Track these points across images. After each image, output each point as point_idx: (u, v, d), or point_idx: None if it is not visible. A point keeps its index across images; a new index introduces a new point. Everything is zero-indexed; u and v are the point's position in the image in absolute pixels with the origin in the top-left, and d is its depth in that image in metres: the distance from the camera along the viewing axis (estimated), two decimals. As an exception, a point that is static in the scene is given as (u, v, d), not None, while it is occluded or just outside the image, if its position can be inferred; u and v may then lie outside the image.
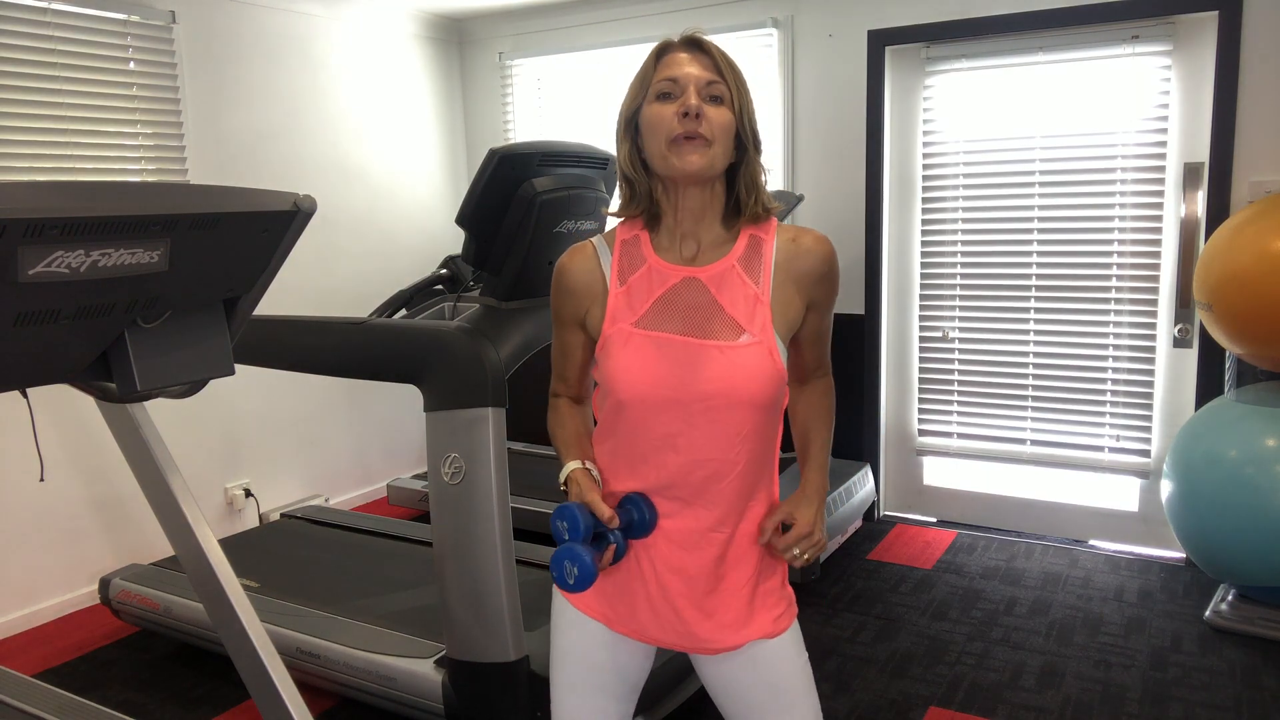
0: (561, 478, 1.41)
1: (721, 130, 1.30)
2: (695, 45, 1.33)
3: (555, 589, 1.46)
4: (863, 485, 3.98)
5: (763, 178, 1.38)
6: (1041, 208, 3.81)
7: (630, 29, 4.53)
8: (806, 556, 1.37)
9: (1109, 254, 3.73)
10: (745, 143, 1.33)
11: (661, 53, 1.34)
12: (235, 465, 4.08)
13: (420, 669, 2.49)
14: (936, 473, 4.26)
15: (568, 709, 1.50)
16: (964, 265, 4.01)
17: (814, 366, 1.47)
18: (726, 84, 1.30)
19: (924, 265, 4.10)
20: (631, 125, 1.35)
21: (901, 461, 4.31)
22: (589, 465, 1.41)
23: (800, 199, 3.96)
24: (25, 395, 1.79)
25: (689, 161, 1.28)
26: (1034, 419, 3.97)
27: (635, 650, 1.48)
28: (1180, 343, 3.64)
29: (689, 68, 1.30)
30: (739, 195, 1.36)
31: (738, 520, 1.38)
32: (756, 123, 1.35)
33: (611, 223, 1.49)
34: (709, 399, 1.31)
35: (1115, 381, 3.80)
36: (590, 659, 1.47)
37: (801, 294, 1.36)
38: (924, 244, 4.09)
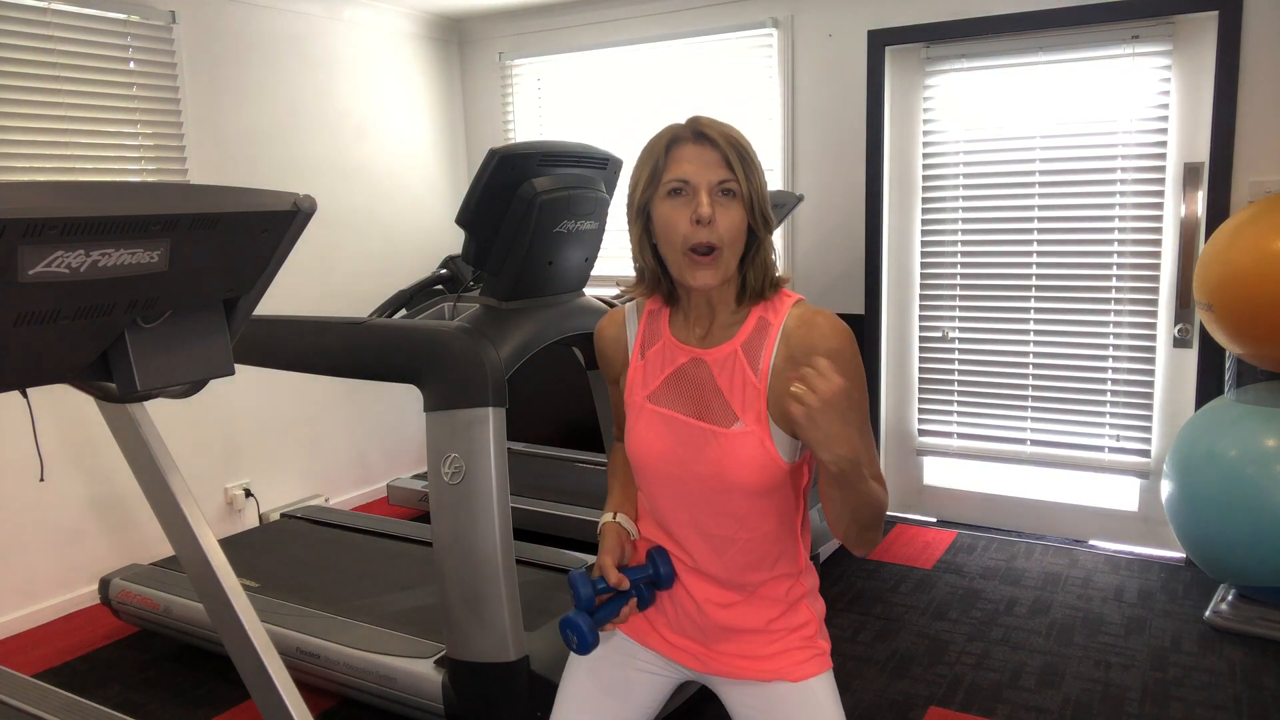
0: (599, 526, 1.50)
1: (733, 233, 1.29)
2: (702, 137, 1.31)
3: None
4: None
5: (772, 256, 1.38)
6: (1041, 208, 3.81)
7: (630, 29, 4.53)
8: (796, 392, 1.17)
9: (1109, 254, 3.73)
10: (756, 229, 1.33)
11: (670, 144, 1.33)
12: (235, 465, 4.08)
13: (420, 669, 2.49)
14: (936, 473, 4.26)
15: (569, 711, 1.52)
16: (964, 265, 4.01)
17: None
18: (737, 178, 1.29)
19: (924, 265, 4.10)
20: (643, 214, 1.35)
21: (901, 461, 4.32)
22: (620, 519, 1.48)
23: (800, 199, 3.96)
24: (25, 395, 1.79)
25: (702, 280, 1.30)
26: (1034, 419, 3.97)
27: (662, 667, 1.50)
28: (1180, 343, 3.64)
29: (699, 164, 1.29)
30: (747, 278, 1.36)
31: (753, 589, 1.41)
32: (767, 200, 1.34)
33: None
34: (704, 480, 1.34)
35: (1115, 381, 3.80)
36: (604, 675, 1.50)
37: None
38: (924, 244, 4.09)
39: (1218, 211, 3.42)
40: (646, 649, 1.50)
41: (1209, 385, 3.53)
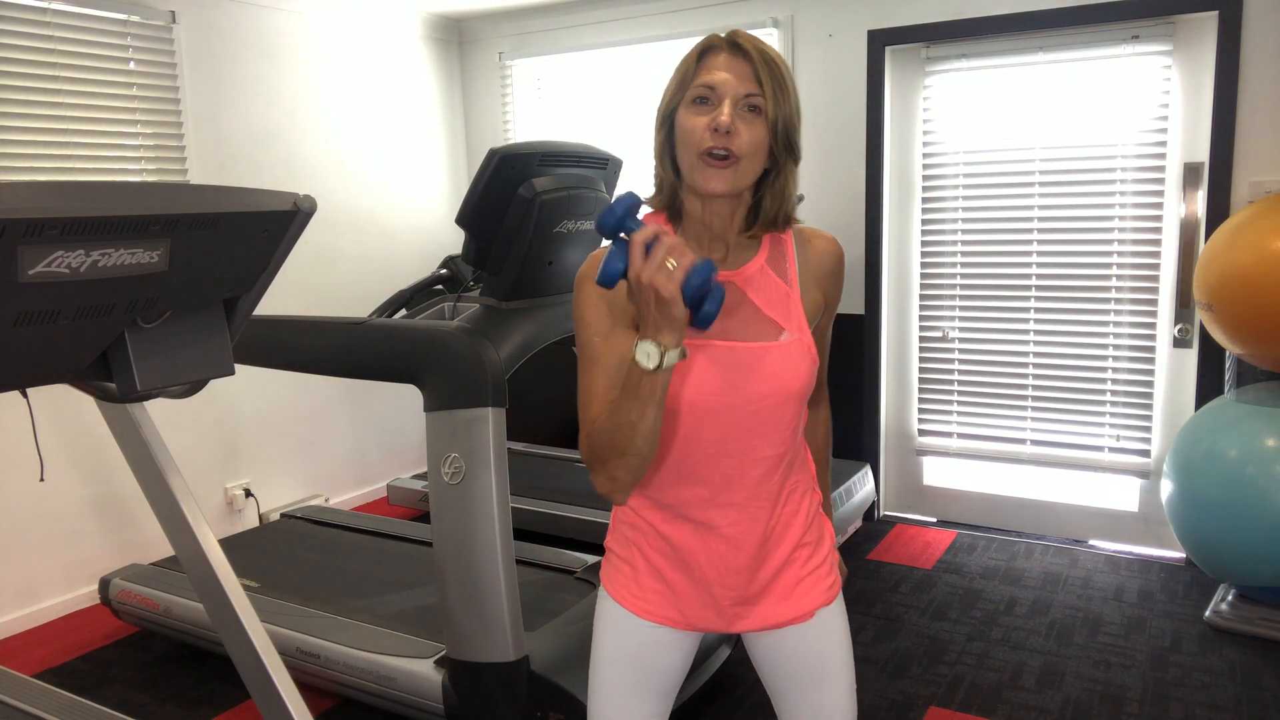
0: (649, 349, 1.18)
1: (752, 147, 1.26)
2: (737, 48, 1.28)
3: (599, 601, 1.48)
4: (863, 485, 3.98)
5: (794, 186, 1.34)
6: (1041, 208, 3.81)
7: (630, 29, 4.53)
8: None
9: (1109, 254, 3.73)
10: (777, 154, 1.30)
11: (704, 52, 1.29)
12: (235, 465, 4.08)
13: (420, 669, 2.49)
14: (936, 473, 4.26)
15: (607, 712, 1.48)
16: (964, 265, 4.01)
17: (817, 387, 1.47)
18: (765, 95, 1.26)
19: (924, 265, 4.10)
20: (667, 121, 1.32)
21: (901, 461, 4.31)
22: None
23: (800, 199, 3.95)
24: (25, 395, 1.79)
25: (713, 185, 1.27)
26: (1034, 419, 3.97)
27: (678, 644, 1.48)
28: (1180, 343, 3.64)
29: (728, 74, 1.26)
30: (763, 203, 1.33)
31: (783, 503, 1.42)
32: (797, 132, 1.30)
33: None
34: (761, 399, 1.32)
35: (1115, 381, 3.80)
36: (642, 661, 1.46)
37: (819, 290, 1.39)
38: (924, 244, 4.09)
39: (1218, 211, 3.42)
40: (666, 627, 1.45)
41: (1209, 385, 3.53)
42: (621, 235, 1.17)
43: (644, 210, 1.28)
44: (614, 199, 1.20)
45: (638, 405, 1.19)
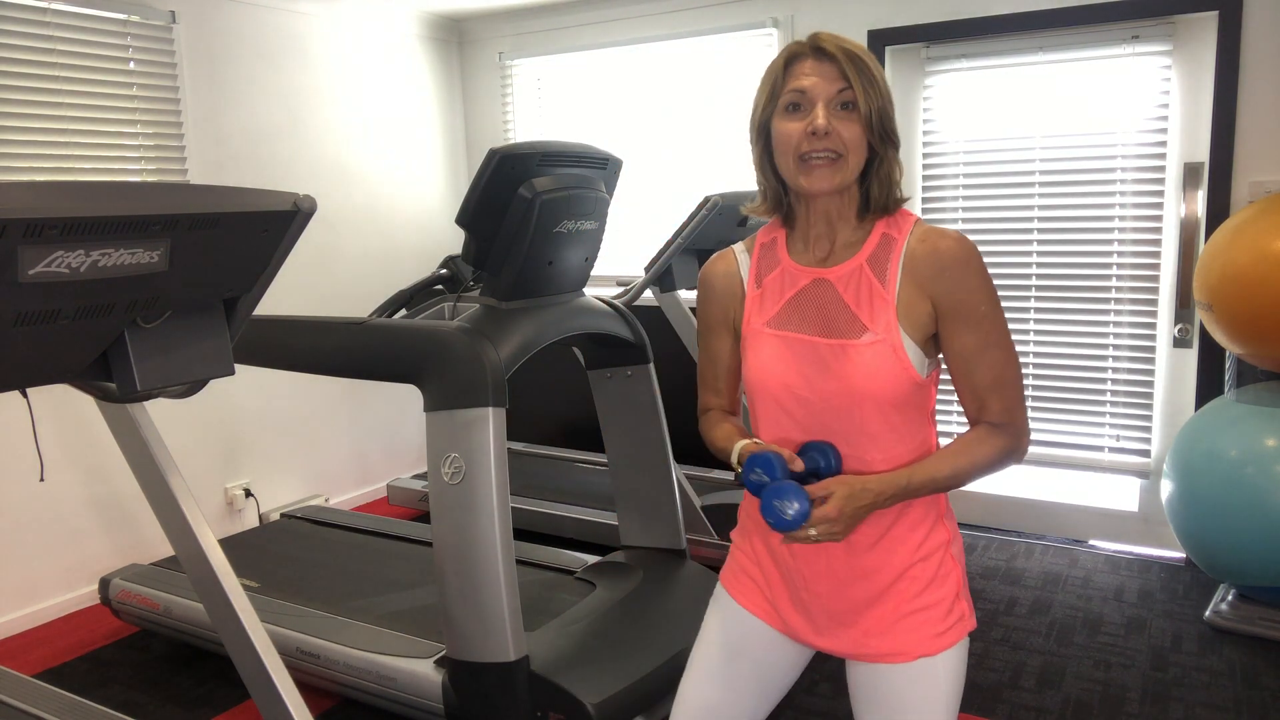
0: (734, 458, 1.37)
1: (853, 143, 1.29)
2: (820, 51, 1.31)
3: (720, 588, 1.51)
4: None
5: (897, 173, 1.36)
6: (1041, 208, 3.81)
7: (630, 29, 4.53)
8: (815, 534, 1.24)
9: (1109, 254, 3.73)
10: (875, 145, 1.32)
11: (789, 60, 1.33)
12: (235, 465, 4.08)
13: (420, 669, 2.49)
14: (936, 473, 4.25)
15: (691, 689, 1.49)
16: (964, 265, 4.01)
17: (972, 407, 1.36)
18: (855, 90, 1.29)
19: (924, 265, 4.10)
20: (763, 132, 1.36)
21: (901, 461, 4.31)
22: (756, 440, 1.38)
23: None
24: (25, 395, 1.79)
25: (817, 185, 1.30)
26: (1034, 419, 3.97)
27: (776, 644, 1.47)
28: (1180, 343, 3.64)
29: (816, 77, 1.30)
30: (870, 191, 1.35)
31: (885, 525, 1.35)
32: (891, 117, 1.32)
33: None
34: (833, 397, 1.32)
35: (1115, 381, 3.80)
36: (724, 642, 1.47)
37: (925, 296, 1.31)
38: (924, 244, 4.09)
39: (1218, 211, 3.42)
40: (767, 625, 1.46)
41: (1209, 385, 3.53)
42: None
43: (741, 254, 1.47)
44: (771, 463, 1.27)
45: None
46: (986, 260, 4.26)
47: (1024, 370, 3.94)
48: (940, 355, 1.37)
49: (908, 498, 1.31)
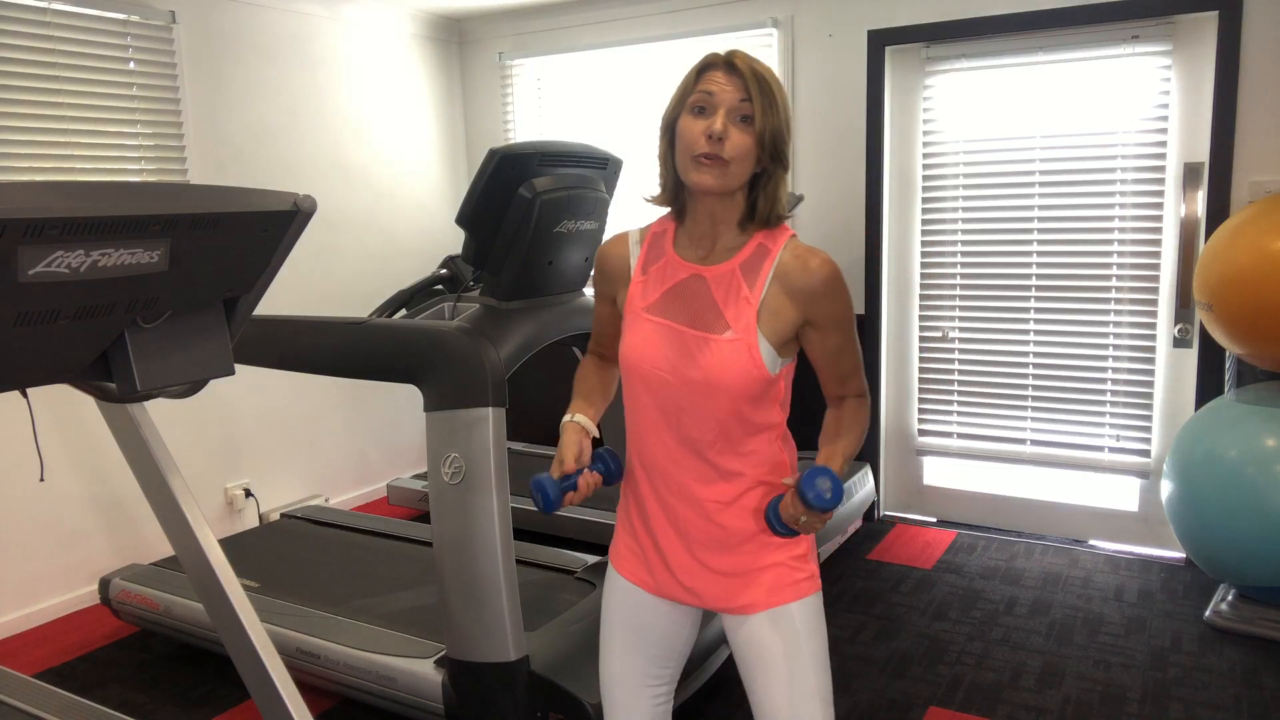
0: (565, 418, 1.60)
1: (742, 152, 1.41)
2: (732, 67, 1.43)
3: (609, 566, 1.67)
4: (863, 485, 3.98)
5: (783, 190, 1.49)
6: (1041, 208, 3.81)
7: (630, 29, 4.53)
8: (804, 521, 1.40)
9: (1109, 254, 3.73)
10: (765, 161, 1.44)
11: (703, 69, 1.45)
12: (235, 465, 4.08)
13: (420, 669, 2.49)
14: (936, 473, 4.26)
15: (609, 669, 1.65)
16: (964, 265, 4.01)
17: (836, 388, 1.56)
18: (755, 107, 1.41)
19: (924, 265, 4.10)
20: (669, 128, 1.49)
21: (901, 461, 4.31)
22: (579, 418, 1.59)
23: (800, 199, 3.96)
24: (25, 395, 1.79)
25: (703, 181, 1.43)
26: (1034, 419, 3.97)
27: (672, 613, 1.62)
28: (1180, 343, 3.64)
29: (723, 87, 1.42)
30: (756, 203, 1.48)
31: (732, 496, 1.51)
32: (784, 140, 1.45)
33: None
34: (694, 385, 1.46)
35: (1115, 381, 3.80)
36: (630, 621, 1.62)
37: (796, 308, 1.46)
38: (924, 244, 4.09)
39: (1218, 211, 3.42)
40: (645, 592, 1.61)
41: (1209, 385, 3.53)
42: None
43: (634, 241, 1.61)
44: (545, 489, 1.50)
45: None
46: (986, 260, 4.27)
47: (1024, 370, 3.95)
48: (794, 356, 1.53)
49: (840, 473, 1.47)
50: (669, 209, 1.57)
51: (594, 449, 1.57)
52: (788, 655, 1.51)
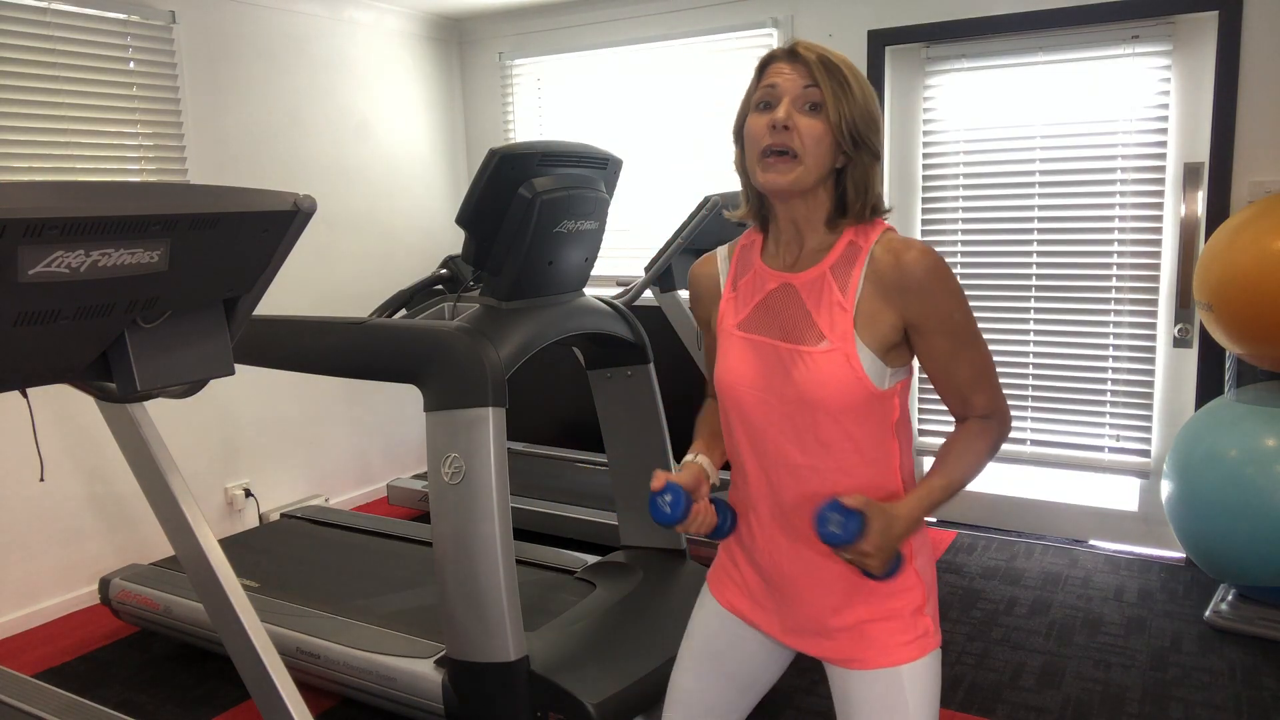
0: (685, 457, 1.50)
1: (813, 141, 1.29)
2: (794, 55, 1.32)
3: (705, 586, 1.58)
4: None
5: (876, 179, 1.36)
6: (1041, 207, 3.81)
7: (630, 29, 4.53)
8: (849, 559, 1.29)
9: (1109, 254, 3.73)
10: (847, 150, 1.31)
11: (765, 64, 1.35)
12: (235, 465, 4.08)
13: (420, 669, 2.49)
14: (936, 473, 4.25)
15: (678, 686, 1.55)
16: (964, 265, 4.01)
17: (957, 406, 1.38)
18: (823, 92, 1.29)
19: (924, 265, 4.10)
20: (740, 134, 1.38)
21: (901, 461, 4.31)
22: (701, 459, 1.47)
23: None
24: (25, 395, 1.79)
25: (771, 180, 1.31)
26: (1034, 419, 3.97)
27: (765, 643, 1.51)
28: (1180, 343, 3.64)
29: (787, 76, 1.31)
30: (846, 197, 1.35)
31: None
32: (868, 126, 1.31)
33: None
34: (790, 403, 1.33)
35: (1115, 381, 3.80)
36: (713, 645, 1.52)
37: (892, 309, 1.31)
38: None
39: (1218, 211, 3.42)
40: (745, 623, 1.51)
41: (1209, 385, 3.53)
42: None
43: (723, 257, 1.51)
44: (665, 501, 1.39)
45: None
46: (986, 260, 4.25)
47: (1024, 370, 3.94)
48: (908, 366, 1.38)
49: (935, 510, 1.34)
50: (754, 222, 1.44)
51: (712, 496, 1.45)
52: (918, 714, 1.35)
